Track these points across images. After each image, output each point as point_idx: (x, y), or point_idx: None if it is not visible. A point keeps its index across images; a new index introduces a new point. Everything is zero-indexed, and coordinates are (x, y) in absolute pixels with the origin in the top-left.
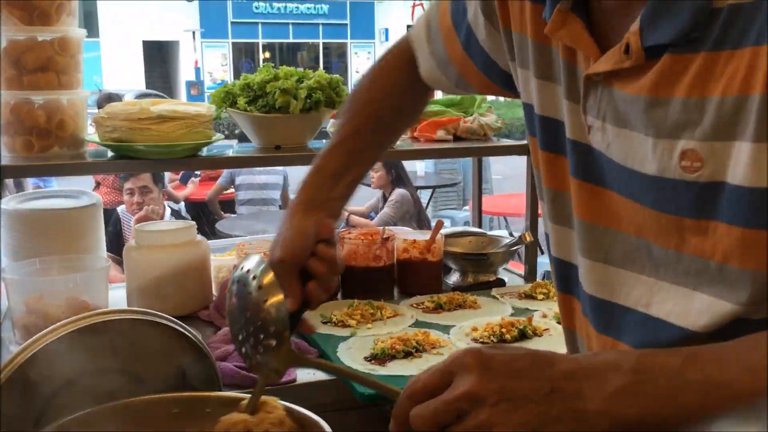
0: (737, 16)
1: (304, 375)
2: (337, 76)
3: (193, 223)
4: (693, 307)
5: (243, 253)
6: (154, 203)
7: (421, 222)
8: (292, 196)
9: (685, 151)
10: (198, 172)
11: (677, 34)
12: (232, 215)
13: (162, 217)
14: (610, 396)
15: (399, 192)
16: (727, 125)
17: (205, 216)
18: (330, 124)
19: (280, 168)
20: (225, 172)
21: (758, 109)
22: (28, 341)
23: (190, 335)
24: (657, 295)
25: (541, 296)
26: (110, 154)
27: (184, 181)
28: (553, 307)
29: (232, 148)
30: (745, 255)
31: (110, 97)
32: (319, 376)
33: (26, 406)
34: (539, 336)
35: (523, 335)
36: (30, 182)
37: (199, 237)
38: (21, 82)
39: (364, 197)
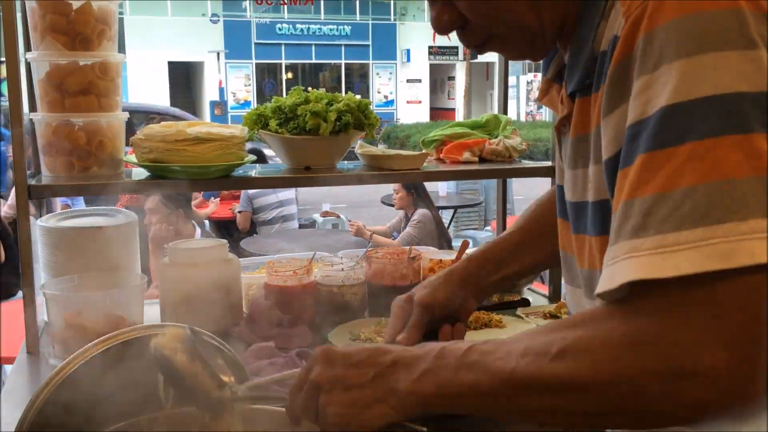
0: (602, 61)
1: None
2: (366, 99)
3: (225, 241)
4: None
5: (273, 272)
6: (160, 223)
7: (443, 242)
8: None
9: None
10: (217, 191)
11: (579, 80)
12: (255, 234)
13: (172, 237)
14: (416, 379)
15: (421, 212)
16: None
17: (229, 234)
18: (358, 146)
19: None
20: (244, 199)
21: (594, 141)
22: (73, 355)
23: (225, 350)
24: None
25: (565, 316)
26: (146, 173)
27: (208, 198)
28: None
29: (255, 168)
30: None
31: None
32: None
33: (69, 419)
34: None
35: None
36: (59, 201)
37: (231, 255)
38: (63, 105)
39: (386, 217)
